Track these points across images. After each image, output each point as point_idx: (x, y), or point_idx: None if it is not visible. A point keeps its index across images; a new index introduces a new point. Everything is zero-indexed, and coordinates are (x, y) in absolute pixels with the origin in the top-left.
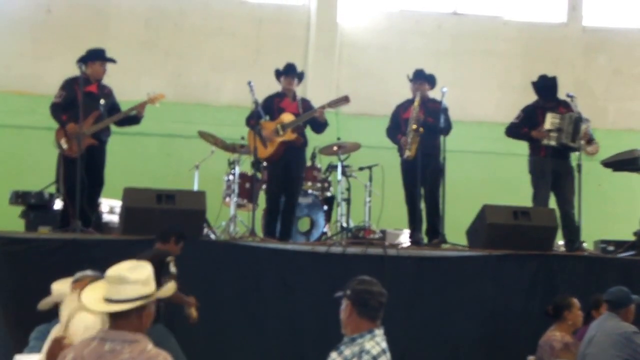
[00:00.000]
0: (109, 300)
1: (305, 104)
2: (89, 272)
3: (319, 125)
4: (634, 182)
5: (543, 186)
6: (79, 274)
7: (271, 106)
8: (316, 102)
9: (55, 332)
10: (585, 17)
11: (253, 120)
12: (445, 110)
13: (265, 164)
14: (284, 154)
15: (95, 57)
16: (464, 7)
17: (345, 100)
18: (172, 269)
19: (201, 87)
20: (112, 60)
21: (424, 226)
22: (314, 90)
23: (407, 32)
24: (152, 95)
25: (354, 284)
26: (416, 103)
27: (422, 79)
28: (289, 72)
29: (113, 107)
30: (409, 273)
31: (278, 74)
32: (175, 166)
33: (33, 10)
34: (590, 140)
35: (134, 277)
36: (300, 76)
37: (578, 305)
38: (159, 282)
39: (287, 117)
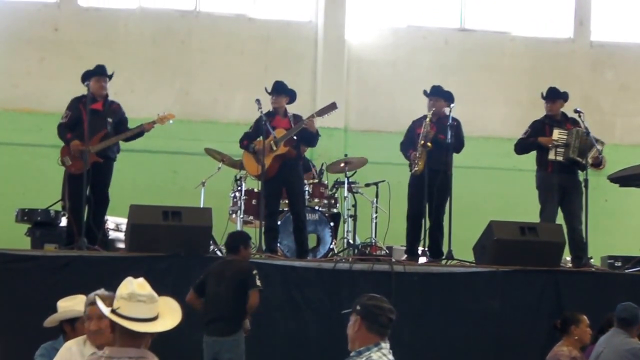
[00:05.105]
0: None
1: (297, 119)
2: (103, 292)
3: (311, 137)
4: None
5: (550, 202)
6: (92, 295)
7: (263, 126)
8: (325, 119)
9: None
10: (593, 33)
11: (246, 141)
12: (456, 127)
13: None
14: (280, 169)
15: (92, 73)
16: (471, 22)
17: (332, 107)
18: (259, 282)
19: (209, 105)
20: (107, 75)
21: (427, 243)
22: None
23: (414, 48)
24: (162, 115)
25: (364, 300)
26: (428, 119)
27: (438, 95)
28: (275, 90)
29: (121, 122)
30: (416, 289)
31: (268, 93)
32: (181, 183)
33: (40, 29)
34: (598, 164)
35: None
36: (291, 94)
37: (586, 322)
38: (245, 291)
39: (279, 133)
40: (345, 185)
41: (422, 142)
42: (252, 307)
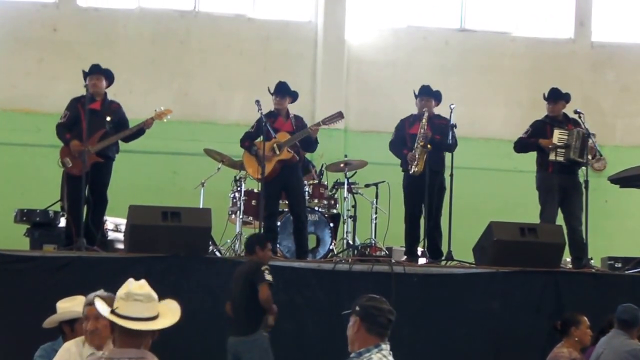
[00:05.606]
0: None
1: (299, 121)
2: (102, 292)
3: (310, 143)
4: None
5: (550, 202)
6: (91, 296)
7: (263, 127)
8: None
9: None
10: (594, 33)
11: (247, 142)
12: (452, 127)
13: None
14: (280, 171)
15: (87, 73)
16: (472, 23)
17: (339, 116)
18: (268, 276)
19: (208, 105)
20: (102, 73)
21: (426, 244)
22: (323, 107)
23: (414, 48)
24: (159, 111)
25: (362, 301)
26: (424, 120)
27: (428, 95)
28: (280, 92)
29: (121, 122)
30: (416, 290)
31: (271, 94)
32: (181, 184)
33: (39, 30)
34: (596, 156)
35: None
36: (294, 95)
37: (587, 324)
38: (255, 288)
39: (282, 136)
40: (345, 186)
41: (422, 143)
42: (264, 301)
